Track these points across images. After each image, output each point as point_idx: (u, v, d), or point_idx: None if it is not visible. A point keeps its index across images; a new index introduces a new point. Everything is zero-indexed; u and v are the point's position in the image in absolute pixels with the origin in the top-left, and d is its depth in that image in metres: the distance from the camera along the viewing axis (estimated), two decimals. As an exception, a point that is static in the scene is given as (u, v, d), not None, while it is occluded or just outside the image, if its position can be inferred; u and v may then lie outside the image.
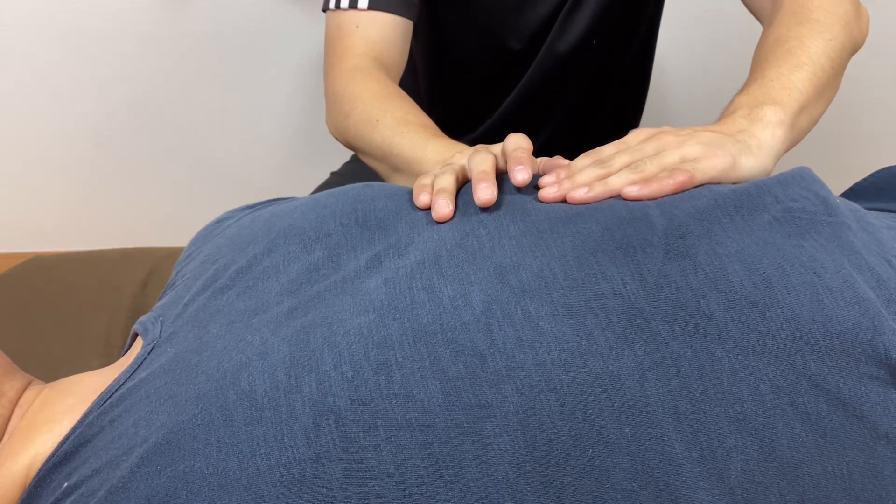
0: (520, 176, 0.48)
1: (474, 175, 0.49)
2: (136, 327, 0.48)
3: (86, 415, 0.41)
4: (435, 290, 0.41)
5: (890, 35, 1.36)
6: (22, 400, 0.46)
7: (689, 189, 0.47)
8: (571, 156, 0.54)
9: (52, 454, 0.40)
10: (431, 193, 0.49)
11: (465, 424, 0.35)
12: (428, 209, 0.48)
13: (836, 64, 0.58)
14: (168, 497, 0.35)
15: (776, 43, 0.59)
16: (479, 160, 0.51)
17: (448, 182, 0.50)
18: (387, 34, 0.76)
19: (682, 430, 0.35)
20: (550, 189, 0.48)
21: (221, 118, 1.45)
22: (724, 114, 0.55)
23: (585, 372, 0.37)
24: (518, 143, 0.52)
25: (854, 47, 0.62)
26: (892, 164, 0.63)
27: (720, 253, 0.41)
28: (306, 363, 0.38)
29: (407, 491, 0.34)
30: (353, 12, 0.76)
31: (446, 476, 0.34)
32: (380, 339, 0.39)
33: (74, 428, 0.41)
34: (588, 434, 0.35)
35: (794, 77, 0.55)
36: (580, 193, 0.47)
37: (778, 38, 0.59)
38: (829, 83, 0.58)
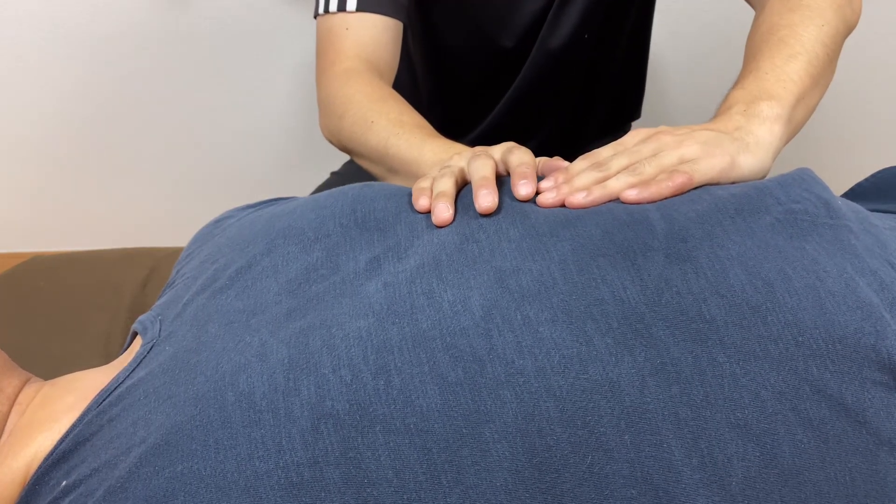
0: (523, 190, 0.48)
1: (475, 181, 0.49)
2: (135, 326, 0.48)
3: (84, 413, 0.41)
4: (435, 296, 0.41)
5: (888, 35, 1.35)
6: (21, 397, 0.46)
7: (689, 191, 0.47)
8: (570, 154, 0.53)
9: (51, 452, 0.40)
10: (431, 197, 0.49)
11: (464, 430, 0.35)
12: (427, 213, 0.48)
13: (831, 50, 0.57)
14: (166, 498, 0.35)
15: (769, 31, 0.58)
16: (479, 165, 0.50)
17: (447, 185, 0.49)
18: (377, 35, 0.76)
19: (683, 436, 0.35)
20: (549, 194, 0.48)
21: (222, 118, 1.45)
22: (720, 110, 0.54)
23: (585, 378, 0.36)
24: (522, 158, 0.51)
25: (848, 29, 0.61)
26: (892, 164, 0.63)
27: (721, 256, 0.41)
28: (305, 366, 0.38)
29: (405, 497, 0.34)
30: (342, 15, 0.75)
31: (444, 482, 0.34)
32: (379, 344, 0.38)
33: (73, 426, 0.41)
34: (587, 441, 0.35)
35: (789, 68, 0.54)
36: (579, 198, 0.47)
37: (770, 27, 0.58)
38: (825, 71, 0.56)
